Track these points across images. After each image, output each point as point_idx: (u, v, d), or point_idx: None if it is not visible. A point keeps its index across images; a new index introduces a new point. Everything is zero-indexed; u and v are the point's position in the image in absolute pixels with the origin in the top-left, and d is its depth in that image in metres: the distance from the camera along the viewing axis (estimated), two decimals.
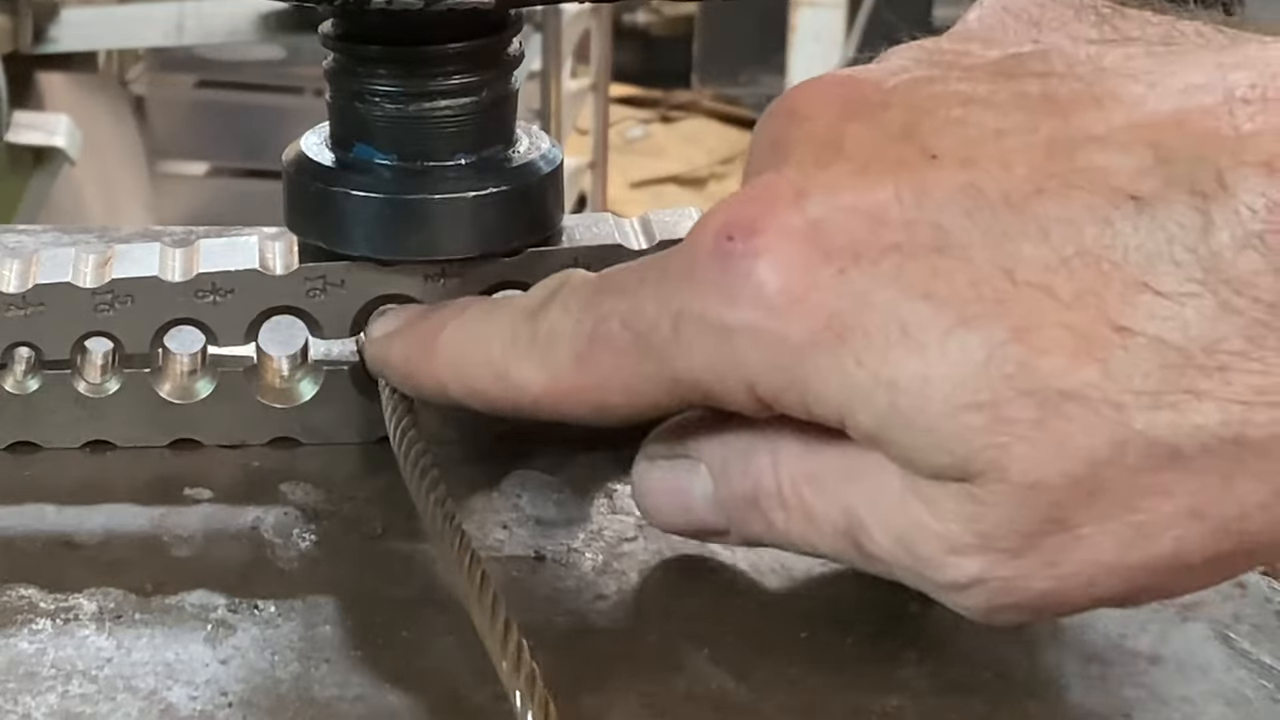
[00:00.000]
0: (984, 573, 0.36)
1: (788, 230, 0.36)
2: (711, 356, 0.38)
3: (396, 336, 0.47)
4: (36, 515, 0.48)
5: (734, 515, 0.41)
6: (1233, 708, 0.41)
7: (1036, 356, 0.34)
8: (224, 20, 2.66)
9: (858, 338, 0.36)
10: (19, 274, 0.49)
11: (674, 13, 4.21)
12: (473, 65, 0.48)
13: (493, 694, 0.39)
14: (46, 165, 2.26)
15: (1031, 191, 0.35)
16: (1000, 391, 0.35)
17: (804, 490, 0.39)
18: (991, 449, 0.35)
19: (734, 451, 0.40)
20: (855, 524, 0.38)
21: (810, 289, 0.36)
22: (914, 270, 0.35)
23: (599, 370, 0.40)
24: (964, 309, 0.35)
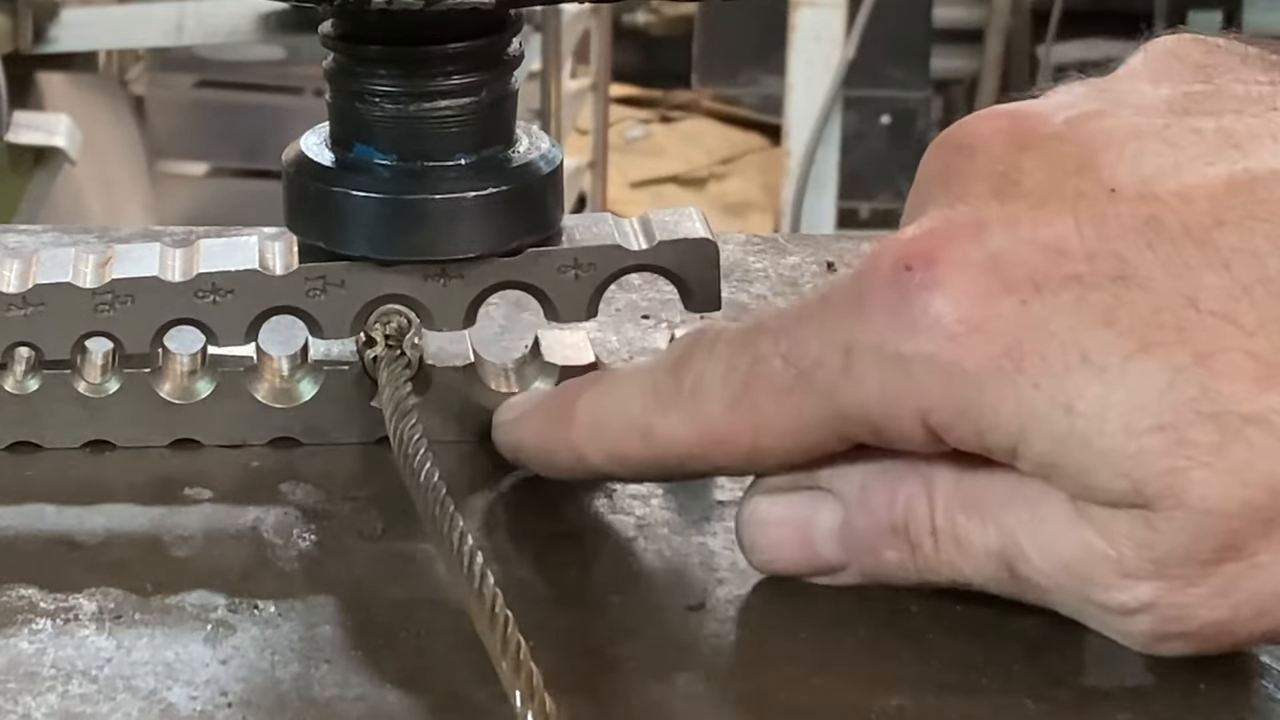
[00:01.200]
0: (1155, 598, 0.36)
1: (968, 262, 0.37)
2: (884, 388, 0.38)
3: (528, 416, 0.47)
4: (36, 515, 0.48)
5: (868, 547, 0.41)
6: (1233, 708, 0.41)
7: (1219, 381, 0.35)
8: (224, 20, 2.65)
9: (1037, 365, 0.36)
10: (19, 274, 0.49)
11: (674, 13, 4.21)
12: (473, 65, 0.48)
13: (493, 694, 0.39)
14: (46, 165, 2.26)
15: (1212, 224, 0.36)
16: (1182, 415, 0.35)
17: (958, 516, 0.39)
18: (1170, 474, 0.35)
19: (877, 480, 0.40)
20: (1012, 549, 0.38)
21: (990, 319, 0.36)
22: (1095, 300, 0.36)
23: (756, 413, 0.40)
24: (1146, 336, 0.35)
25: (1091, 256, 0.36)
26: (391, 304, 0.49)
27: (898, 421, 0.38)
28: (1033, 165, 0.38)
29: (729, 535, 0.47)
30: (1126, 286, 0.36)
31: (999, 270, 0.36)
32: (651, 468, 0.43)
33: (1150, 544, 0.36)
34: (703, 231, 0.50)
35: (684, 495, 0.49)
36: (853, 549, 0.41)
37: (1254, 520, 0.35)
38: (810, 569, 0.42)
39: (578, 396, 0.45)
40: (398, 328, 0.49)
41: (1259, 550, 0.35)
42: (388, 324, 0.49)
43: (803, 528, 0.42)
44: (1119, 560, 0.36)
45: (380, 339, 0.49)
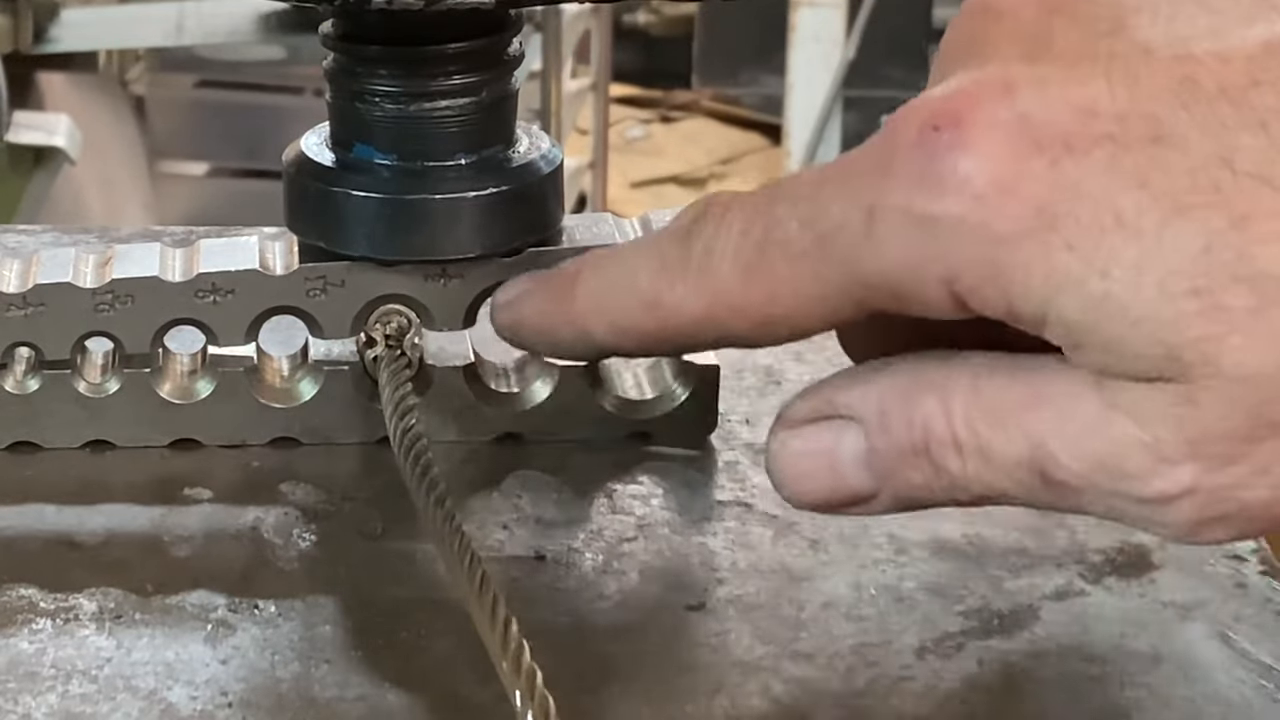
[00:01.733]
0: (1196, 481, 0.35)
1: (997, 122, 0.36)
2: (909, 251, 0.37)
3: (528, 295, 0.45)
4: (36, 515, 0.48)
5: (893, 470, 0.39)
6: (1233, 708, 0.41)
7: (1256, 245, 0.34)
8: (224, 20, 2.65)
9: (1070, 226, 0.35)
10: (19, 274, 0.49)
11: (674, 13, 4.21)
12: (473, 65, 0.48)
13: (493, 694, 0.39)
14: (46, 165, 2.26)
15: (1249, 84, 0.35)
16: (1218, 279, 0.34)
17: (980, 427, 0.38)
18: (1207, 339, 0.34)
19: (894, 400, 0.39)
20: (1042, 453, 0.37)
21: (1021, 179, 0.35)
22: (1129, 160, 0.35)
23: (771, 280, 0.39)
24: (1181, 198, 0.35)
25: (1124, 116, 0.35)
26: (391, 304, 0.49)
27: (922, 286, 0.37)
28: (1064, 26, 0.37)
29: (729, 535, 0.47)
30: (1161, 147, 0.35)
31: (1029, 130, 0.36)
32: (659, 339, 0.42)
33: (1186, 420, 0.35)
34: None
35: (684, 495, 0.49)
36: (879, 474, 0.39)
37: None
38: (841, 500, 0.40)
39: (580, 270, 0.43)
40: (398, 328, 0.49)
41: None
42: (388, 324, 0.49)
43: (828, 457, 0.40)
44: (1155, 444, 0.35)
45: (380, 339, 0.49)
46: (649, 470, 0.50)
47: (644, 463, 0.50)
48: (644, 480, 0.50)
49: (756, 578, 0.45)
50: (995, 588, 0.45)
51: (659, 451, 0.51)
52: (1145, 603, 0.44)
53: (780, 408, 0.41)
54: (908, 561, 0.46)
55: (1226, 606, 0.44)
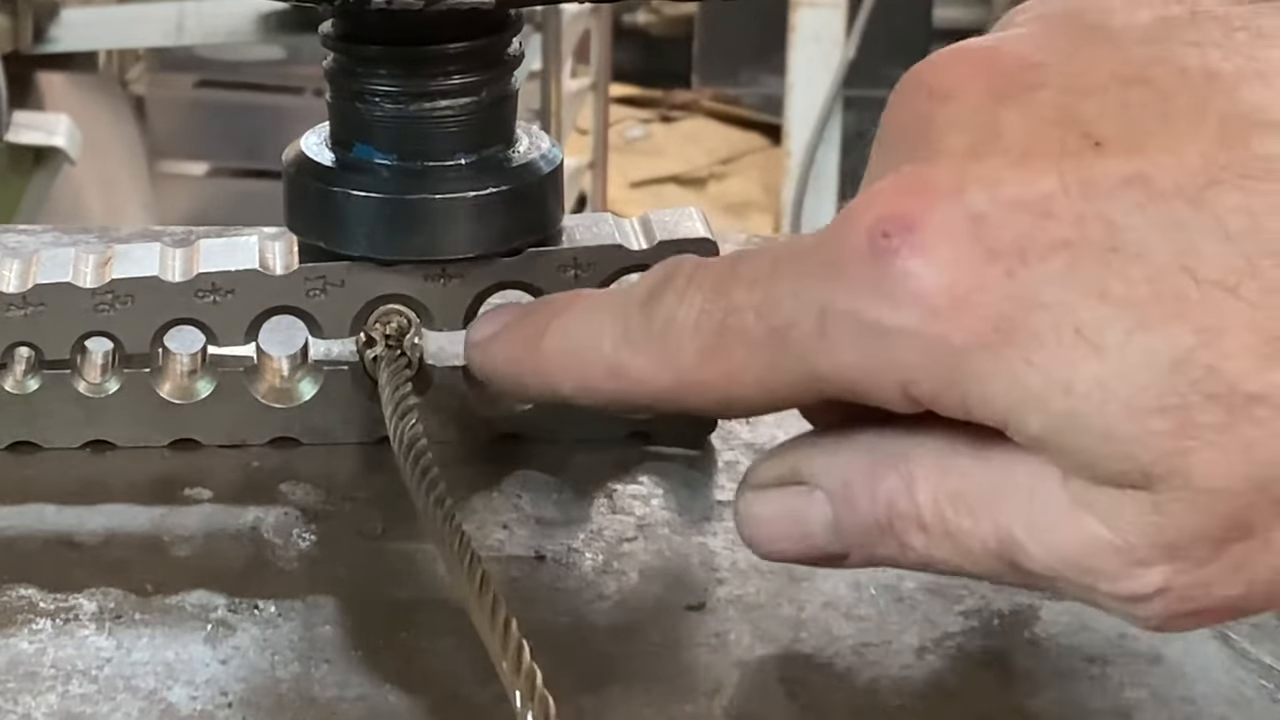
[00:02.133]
0: (1168, 582, 0.35)
1: (949, 227, 0.35)
2: (863, 357, 0.36)
3: (498, 339, 0.46)
4: (36, 515, 0.48)
5: (860, 542, 0.39)
6: (1233, 708, 0.41)
7: (1224, 360, 0.33)
8: (224, 20, 2.65)
9: (1028, 340, 0.34)
10: (19, 274, 0.49)
11: (674, 13, 4.21)
12: (473, 65, 0.48)
13: (493, 694, 0.39)
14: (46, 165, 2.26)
15: (1206, 183, 0.34)
16: (1187, 396, 0.33)
17: (946, 511, 0.37)
18: (1177, 455, 0.34)
19: (858, 475, 0.39)
20: (1010, 543, 0.36)
21: (975, 290, 0.34)
22: (1087, 269, 0.34)
23: (730, 364, 0.39)
24: (1144, 310, 0.34)
25: (1080, 219, 0.34)
26: (391, 304, 0.49)
27: (878, 388, 0.36)
28: (1012, 117, 0.36)
29: (729, 535, 0.47)
30: (1118, 254, 0.34)
31: (982, 235, 0.35)
32: (624, 403, 0.42)
33: (1158, 528, 0.34)
34: (703, 231, 0.50)
35: (684, 495, 0.49)
36: (847, 542, 0.39)
37: (1263, 498, 0.34)
38: (813, 560, 0.41)
39: (548, 323, 0.43)
40: (398, 328, 0.49)
41: (1269, 525, 0.34)
42: (388, 324, 0.49)
43: (797, 523, 0.40)
44: (1127, 548, 0.35)
45: (380, 339, 0.49)
46: (649, 470, 0.50)
47: (644, 463, 0.50)
48: (644, 480, 0.50)
49: (756, 578, 0.45)
50: (995, 588, 0.45)
51: (659, 451, 0.51)
52: None
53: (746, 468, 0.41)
54: None
55: None
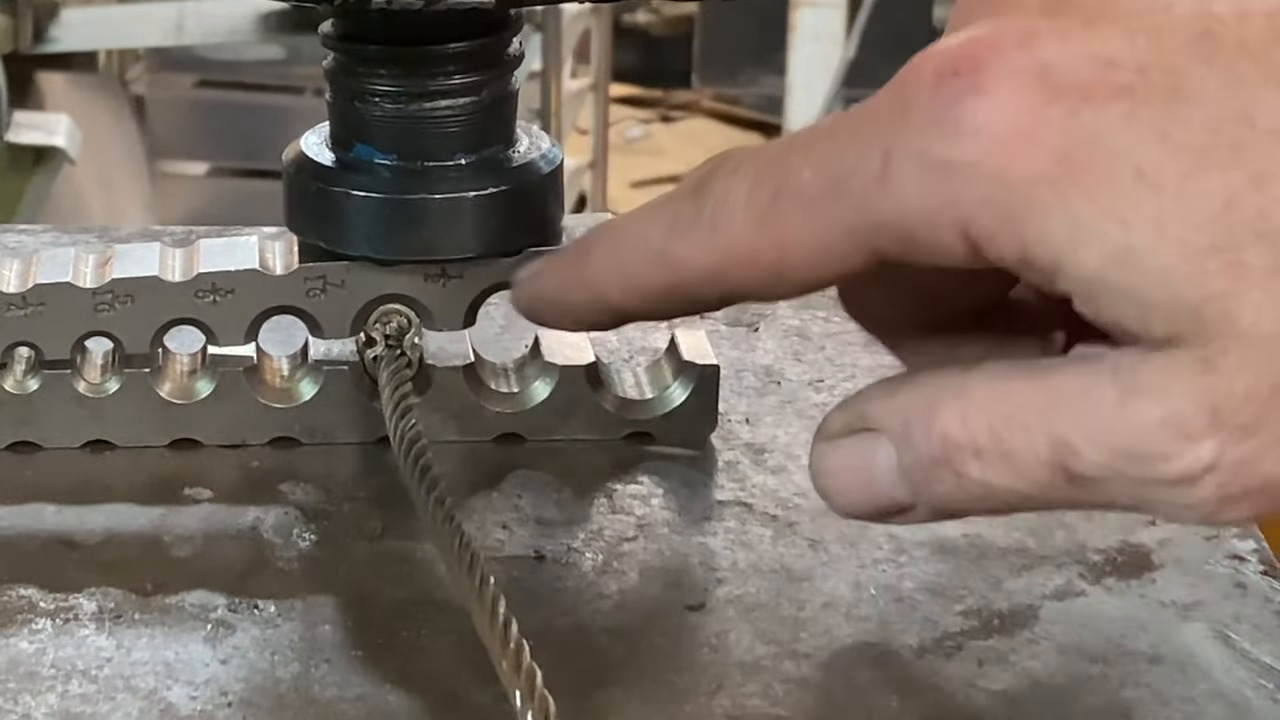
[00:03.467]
0: (1217, 456, 0.35)
1: (1016, 69, 0.36)
2: (924, 195, 0.36)
3: (546, 264, 0.45)
4: (36, 515, 0.48)
5: (921, 480, 0.39)
6: (1233, 708, 0.41)
7: (1276, 203, 0.34)
8: (224, 20, 2.65)
9: (1090, 177, 0.35)
10: (19, 274, 0.49)
11: (674, 13, 4.21)
12: (473, 65, 0.48)
13: (493, 694, 0.39)
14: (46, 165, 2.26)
15: (1270, 40, 0.35)
16: (1238, 237, 0.34)
17: (1000, 431, 0.37)
18: (1225, 296, 0.34)
19: (915, 413, 0.39)
20: (1063, 449, 0.37)
21: (1040, 126, 0.35)
22: (1149, 113, 0.35)
23: (783, 228, 0.39)
24: (1202, 153, 0.35)
25: (1145, 69, 0.35)
26: (391, 304, 0.49)
27: (936, 231, 0.37)
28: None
29: (729, 535, 0.47)
30: (1180, 101, 0.35)
31: (1049, 78, 0.36)
32: (672, 296, 0.41)
33: (1204, 389, 0.35)
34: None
35: (684, 495, 0.49)
36: (912, 486, 0.39)
37: None
38: (883, 510, 0.40)
39: (595, 237, 0.43)
40: (398, 328, 0.49)
41: None
42: (388, 324, 0.49)
43: (864, 472, 0.40)
44: (1175, 420, 0.35)
45: (380, 339, 0.49)
46: (649, 470, 0.50)
47: (644, 463, 0.50)
48: (644, 480, 0.50)
49: (756, 578, 0.45)
50: (995, 588, 0.45)
51: (659, 451, 0.51)
52: (1145, 603, 0.44)
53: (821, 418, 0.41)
54: (908, 561, 0.46)
55: (1226, 606, 0.44)
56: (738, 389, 0.54)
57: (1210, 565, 0.46)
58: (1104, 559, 0.46)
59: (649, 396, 0.52)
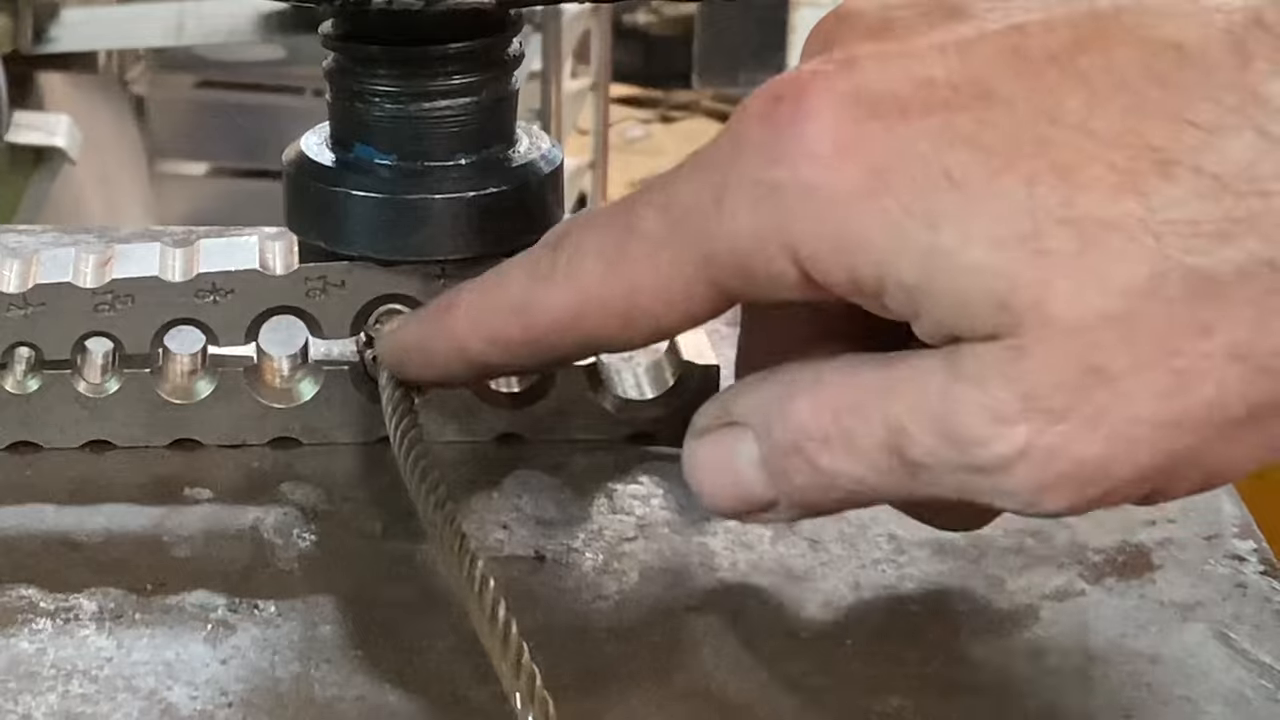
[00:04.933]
0: (1029, 441, 0.36)
1: (836, 92, 0.37)
2: (754, 220, 0.38)
3: (412, 317, 0.47)
4: (36, 515, 0.48)
5: (779, 472, 0.40)
6: (1233, 708, 0.41)
7: (1077, 191, 0.35)
8: (224, 20, 2.65)
9: (904, 187, 0.36)
10: (19, 274, 0.49)
11: (674, 13, 4.21)
12: (473, 65, 0.48)
13: (493, 694, 0.39)
14: (46, 165, 2.27)
15: (1076, 50, 0.36)
16: (1041, 224, 0.35)
17: (844, 419, 0.39)
18: (1033, 285, 0.35)
19: (774, 404, 0.40)
20: (897, 433, 0.38)
21: (857, 141, 0.37)
22: (960, 122, 0.36)
23: (631, 271, 0.40)
24: (1008, 153, 0.36)
25: (957, 86, 0.37)
26: (391, 304, 0.49)
27: (769, 259, 0.38)
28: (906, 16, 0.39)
29: (729, 535, 0.47)
30: (989, 108, 0.36)
31: (866, 99, 0.37)
32: (530, 348, 0.43)
33: (1017, 376, 0.36)
34: None
35: (684, 495, 0.49)
36: (772, 478, 0.40)
37: (1113, 332, 0.35)
38: (747, 507, 0.41)
39: (459, 291, 0.45)
40: None
41: (1122, 370, 0.35)
42: (388, 324, 0.49)
43: (729, 466, 0.41)
44: (991, 406, 0.36)
45: None
46: (649, 470, 0.50)
47: (644, 463, 0.50)
48: (644, 480, 0.50)
49: (756, 578, 0.45)
50: (995, 588, 0.45)
51: (659, 451, 0.51)
52: (1145, 603, 0.44)
53: None
54: (908, 561, 0.46)
55: (1226, 606, 0.44)
56: None
57: (1210, 565, 0.46)
58: (1104, 559, 0.46)
59: (649, 396, 0.52)
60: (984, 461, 0.37)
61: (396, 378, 0.48)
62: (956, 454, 0.37)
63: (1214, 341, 0.35)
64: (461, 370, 0.45)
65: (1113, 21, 0.37)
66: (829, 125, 0.37)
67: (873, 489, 0.39)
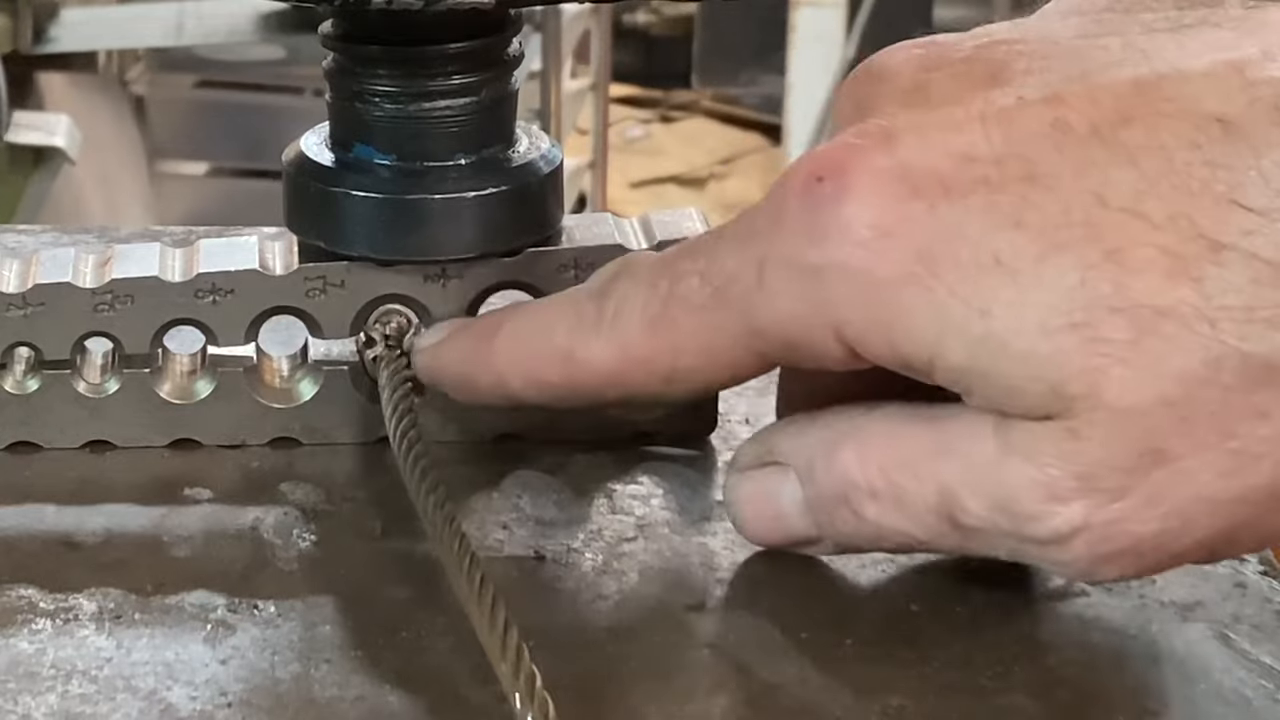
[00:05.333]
0: (1086, 518, 0.36)
1: (877, 169, 0.37)
2: (797, 301, 0.38)
3: (449, 341, 0.47)
4: (36, 515, 0.48)
5: (823, 516, 0.41)
6: (1233, 708, 0.41)
7: (1130, 276, 0.35)
8: (224, 20, 2.65)
9: (949, 269, 0.36)
10: (19, 274, 0.49)
11: (674, 13, 4.21)
12: (473, 65, 0.48)
13: (493, 694, 0.39)
14: (46, 165, 2.26)
15: (1119, 122, 0.36)
16: (1095, 312, 0.35)
17: (893, 476, 0.39)
18: (1087, 372, 0.35)
19: (819, 450, 0.40)
20: (949, 498, 0.38)
21: (900, 223, 0.36)
22: (1004, 201, 0.36)
23: (674, 333, 0.40)
24: (1056, 234, 0.35)
25: (999, 160, 0.36)
26: (391, 304, 0.49)
27: (811, 336, 0.38)
28: (941, 81, 0.38)
29: (729, 535, 0.47)
30: (1034, 187, 0.36)
31: (908, 176, 0.37)
32: (571, 394, 0.43)
33: (1074, 455, 0.35)
34: (702, 232, 0.50)
35: (684, 495, 0.49)
36: (816, 520, 0.41)
37: (1171, 417, 0.35)
38: (790, 542, 0.42)
39: (501, 322, 0.45)
40: (398, 328, 0.49)
41: (1181, 453, 0.35)
42: (387, 324, 0.49)
43: (771, 503, 0.42)
44: (1046, 483, 0.36)
45: (380, 339, 0.49)
46: (649, 470, 0.50)
47: (644, 463, 0.50)
48: (644, 480, 0.50)
49: (756, 578, 0.45)
50: (995, 588, 0.45)
51: (659, 451, 0.51)
52: (1145, 603, 0.44)
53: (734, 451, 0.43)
54: (908, 561, 0.46)
55: (1226, 606, 0.44)
56: (738, 389, 0.54)
57: (1210, 565, 0.46)
58: None
59: None
60: (1039, 535, 0.37)
61: (397, 378, 0.48)
62: (1011, 524, 0.37)
63: (1271, 425, 0.35)
64: (501, 401, 0.45)
65: (1154, 92, 0.36)
66: (870, 206, 0.36)
67: (922, 543, 0.39)
